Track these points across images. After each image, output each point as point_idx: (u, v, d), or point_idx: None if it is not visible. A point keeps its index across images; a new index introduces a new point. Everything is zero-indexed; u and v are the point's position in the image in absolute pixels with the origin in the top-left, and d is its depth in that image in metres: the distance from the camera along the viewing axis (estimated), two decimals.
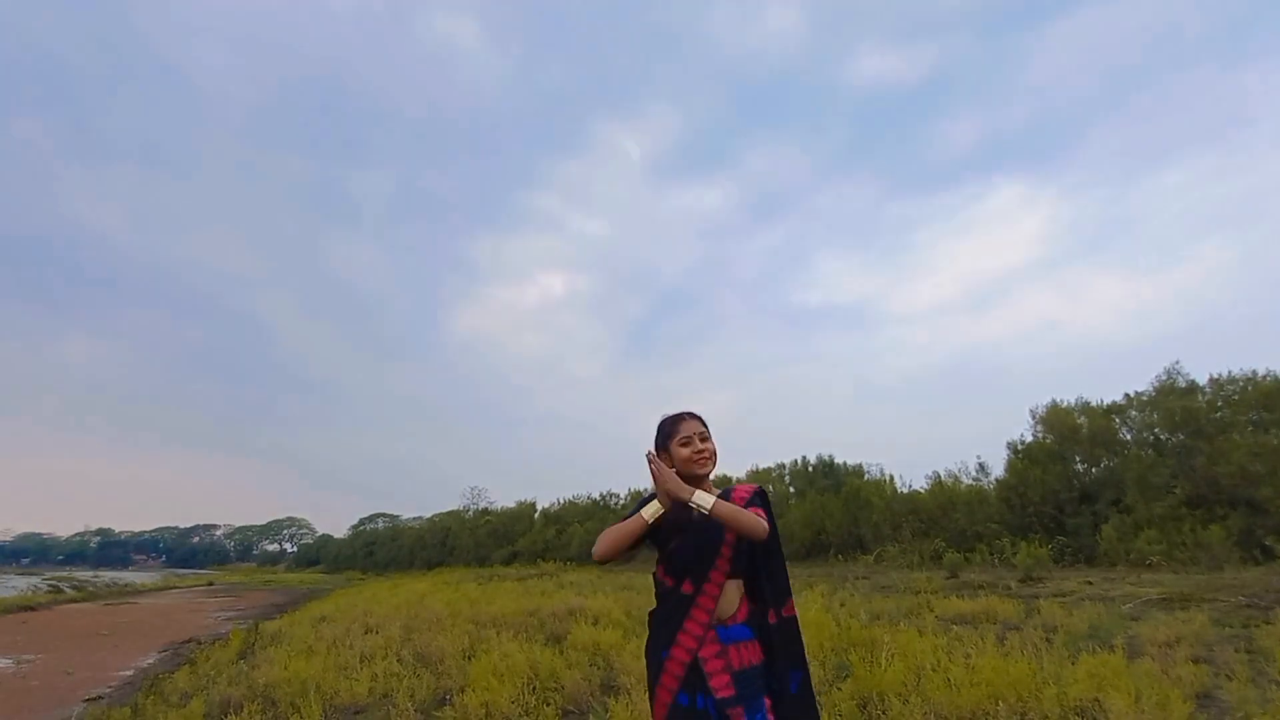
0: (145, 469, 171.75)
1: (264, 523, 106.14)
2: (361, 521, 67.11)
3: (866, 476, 19.34)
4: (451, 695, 4.48)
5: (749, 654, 1.83)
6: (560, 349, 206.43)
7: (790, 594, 1.96)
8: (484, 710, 3.92)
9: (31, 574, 48.03)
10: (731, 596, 1.86)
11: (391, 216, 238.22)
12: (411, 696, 4.51)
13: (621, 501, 28.03)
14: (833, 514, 17.25)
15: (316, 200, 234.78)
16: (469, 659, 5.65)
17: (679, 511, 1.89)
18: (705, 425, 1.99)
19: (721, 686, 1.75)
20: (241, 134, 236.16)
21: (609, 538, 1.83)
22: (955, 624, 6.25)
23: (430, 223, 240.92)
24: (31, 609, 18.70)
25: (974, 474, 16.13)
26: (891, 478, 18.57)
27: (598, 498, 29.56)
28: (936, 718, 3.39)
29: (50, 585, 28.90)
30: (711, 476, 2.00)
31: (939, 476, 16.81)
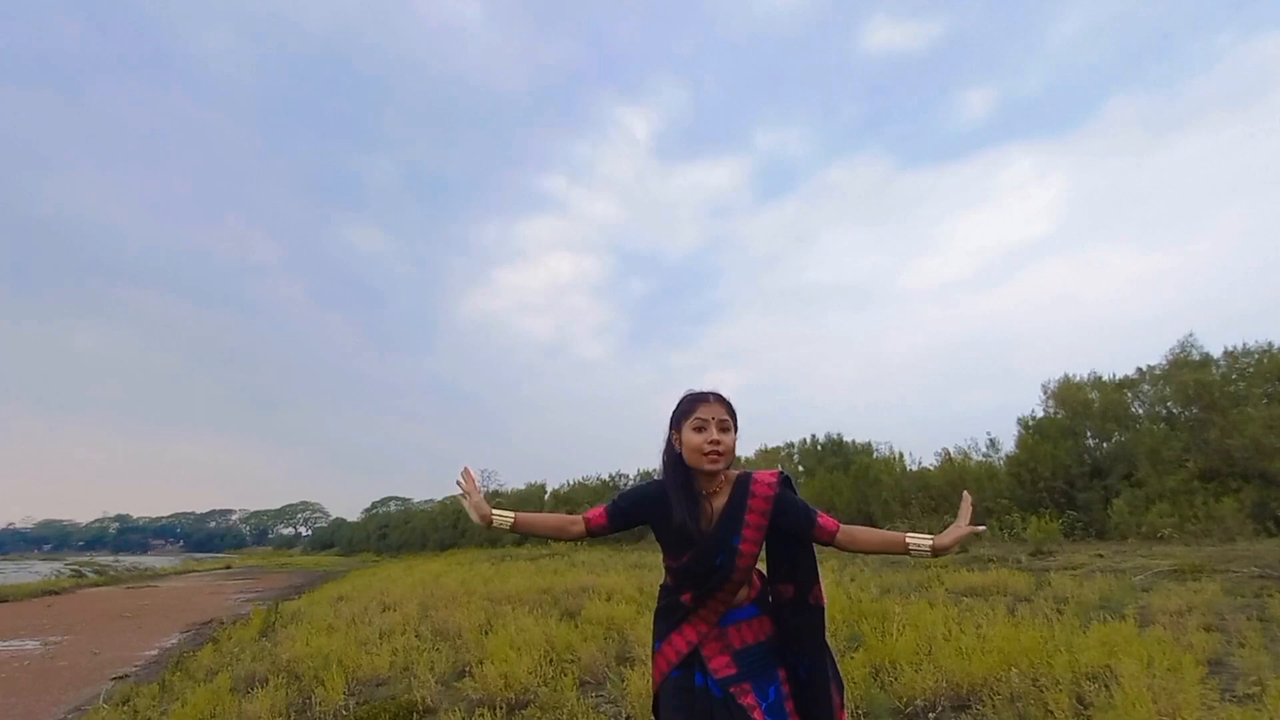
0: (161, 456, 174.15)
1: (278, 507, 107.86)
2: (374, 504, 67.95)
3: (875, 454, 19.34)
4: (470, 667, 4.57)
5: (752, 631, 1.74)
6: (568, 331, 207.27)
7: (818, 580, 1.79)
8: (503, 681, 4.00)
9: (53, 560, 48.98)
10: (741, 590, 1.75)
11: (397, 200, 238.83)
12: (431, 669, 4.61)
13: (630, 481, 28.17)
14: (842, 492, 17.27)
15: (323, 184, 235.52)
16: (486, 633, 5.75)
17: (685, 514, 1.70)
18: (732, 414, 1.74)
19: (721, 667, 1.68)
20: (247, 118, 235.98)
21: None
22: (965, 596, 6.29)
23: (436, 206, 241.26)
24: (56, 593, 19.13)
25: (984, 450, 16.09)
26: (901, 455, 18.53)
27: (607, 478, 29.67)
28: (948, 684, 3.43)
29: (73, 570, 29.50)
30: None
31: (949, 453, 16.78)
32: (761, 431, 25.52)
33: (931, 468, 16.94)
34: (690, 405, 1.73)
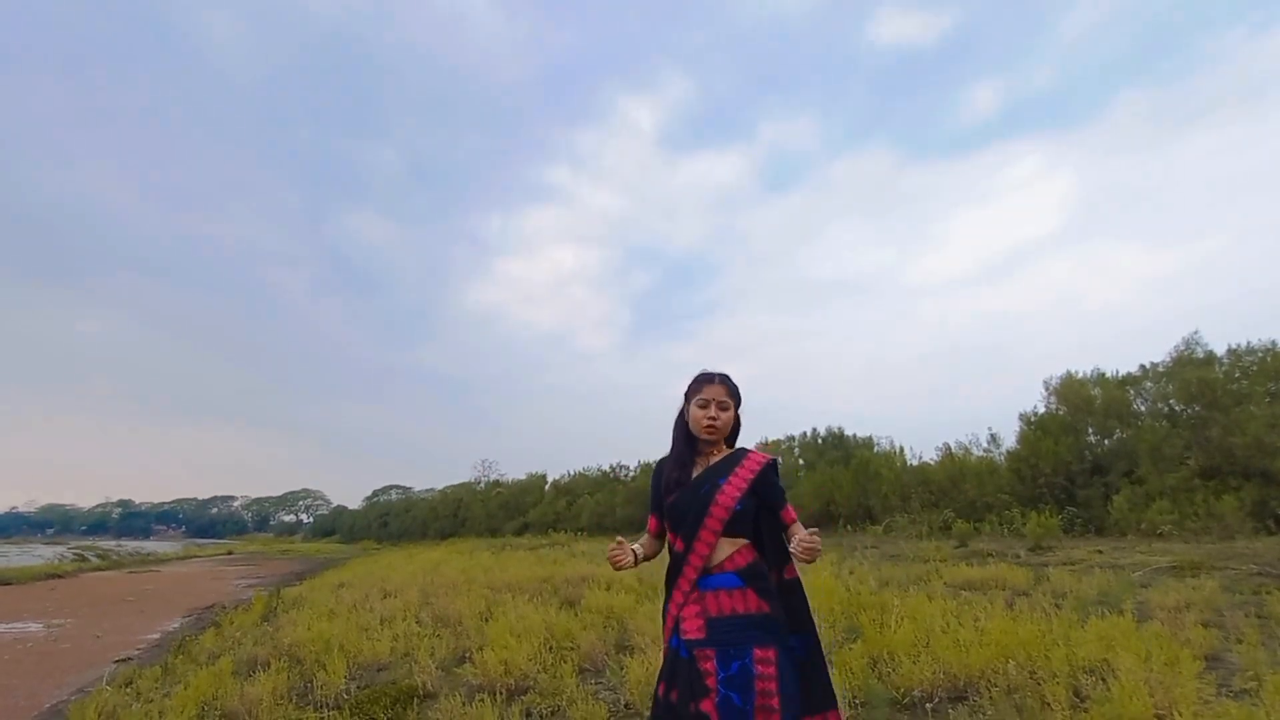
0: (164, 441, 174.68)
1: (280, 494, 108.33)
2: (375, 493, 68.17)
3: (876, 448, 19.33)
4: (470, 653, 4.60)
5: (732, 601, 1.81)
6: (570, 322, 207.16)
7: (790, 559, 1.93)
8: (503, 667, 4.03)
9: (56, 544, 49.17)
10: (723, 550, 1.87)
11: (401, 189, 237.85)
12: (432, 655, 4.64)
13: (631, 474, 28.20)
14: (842, 486, 17.28)
15: (327, 173, 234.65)
16: (486, 621, 5.79)
17: (677, 468, 2.00)
18: (733, 395, 2.01)
19: (693, 630, 1.78)
20: (251, 105, 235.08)
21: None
22: (964, 590, 6.31)
23: (440, 196, 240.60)
24: (59, 576, 19.24)
25: (985, 446, 16.08)
26: (901, 449, 18.52)
27: (607, 469, 29.71)
28: (946, 676, 3.44)
29: (75, 554, 29.61)
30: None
31: (949, 448, 16.77)
32: (762, 424, 25.54)
33: (932, 463, 16.94)
34: (698, 385, 2.03)
